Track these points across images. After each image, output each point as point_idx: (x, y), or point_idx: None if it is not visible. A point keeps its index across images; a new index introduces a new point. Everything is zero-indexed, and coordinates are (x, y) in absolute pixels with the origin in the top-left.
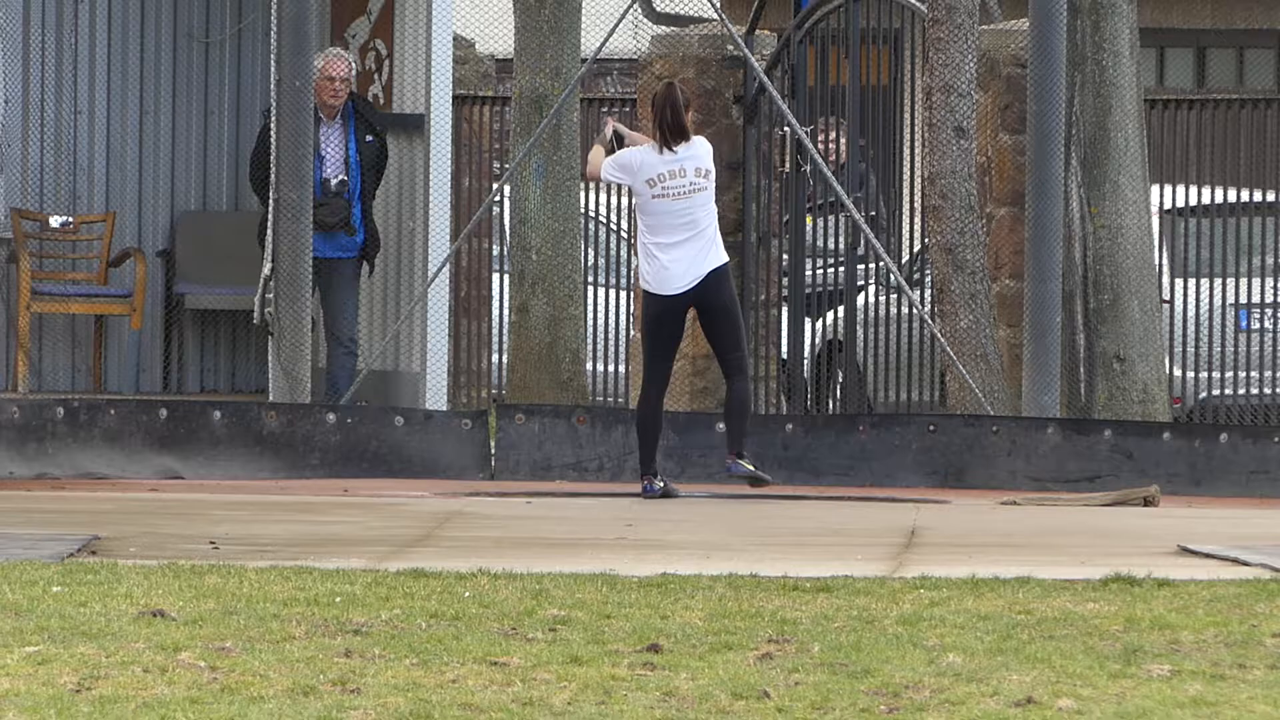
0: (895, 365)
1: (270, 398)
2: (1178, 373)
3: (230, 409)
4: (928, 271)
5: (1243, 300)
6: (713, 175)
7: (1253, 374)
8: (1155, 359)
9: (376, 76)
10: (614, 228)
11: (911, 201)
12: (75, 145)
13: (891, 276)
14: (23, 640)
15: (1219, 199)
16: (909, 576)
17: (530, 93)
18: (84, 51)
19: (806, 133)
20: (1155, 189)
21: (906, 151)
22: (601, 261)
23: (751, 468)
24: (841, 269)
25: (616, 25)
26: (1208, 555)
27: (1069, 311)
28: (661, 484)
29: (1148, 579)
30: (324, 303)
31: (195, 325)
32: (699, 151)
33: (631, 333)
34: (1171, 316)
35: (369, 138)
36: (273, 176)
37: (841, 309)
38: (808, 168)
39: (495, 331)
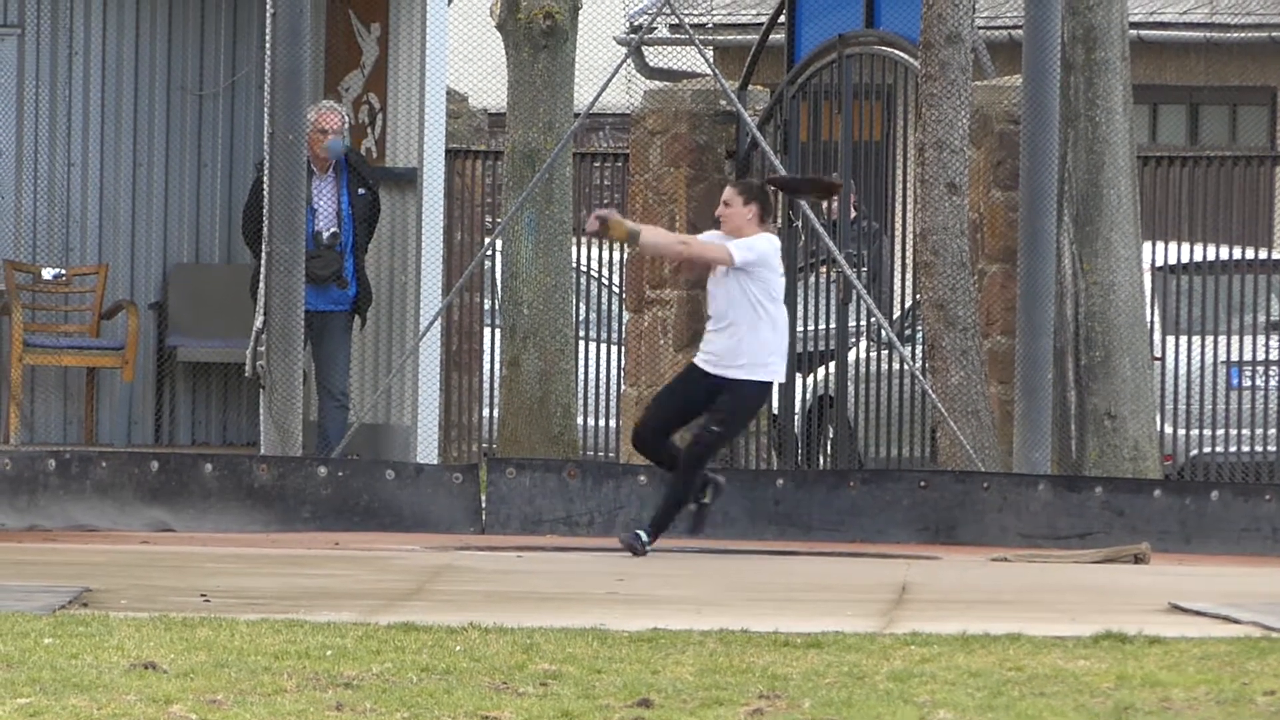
0: (886, 421)
1: (261, 450)
2: (1169, 430)
3: (222, 462)
4: (919, 328)
5: (1234, 358)
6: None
7: (1244, 431)
8: (1146, 416)
9: (370, 130)
10: (605, 282)
11: (903, 257)
12: (68, 198)
13: (883, 332)
14: (14, 692)
15: (1211, 256)
16: (900, 633)
17: (523, 147)
18: (77, 104)
19: None
20: (1147, 246)
21: (899, 207)
22: (593, 316)
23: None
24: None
25: (610, 80)
26: (1199, 613)
27: (1060, 368)
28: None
29: (1139, 636)
30: (315, 356)
31: (187, 378)
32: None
33: (622, 387)
34: (1163, 374)
35: (361, 191)
36: (265, 229)
37: (833, 364)
38: (799, 223)
39: (486, 385)
